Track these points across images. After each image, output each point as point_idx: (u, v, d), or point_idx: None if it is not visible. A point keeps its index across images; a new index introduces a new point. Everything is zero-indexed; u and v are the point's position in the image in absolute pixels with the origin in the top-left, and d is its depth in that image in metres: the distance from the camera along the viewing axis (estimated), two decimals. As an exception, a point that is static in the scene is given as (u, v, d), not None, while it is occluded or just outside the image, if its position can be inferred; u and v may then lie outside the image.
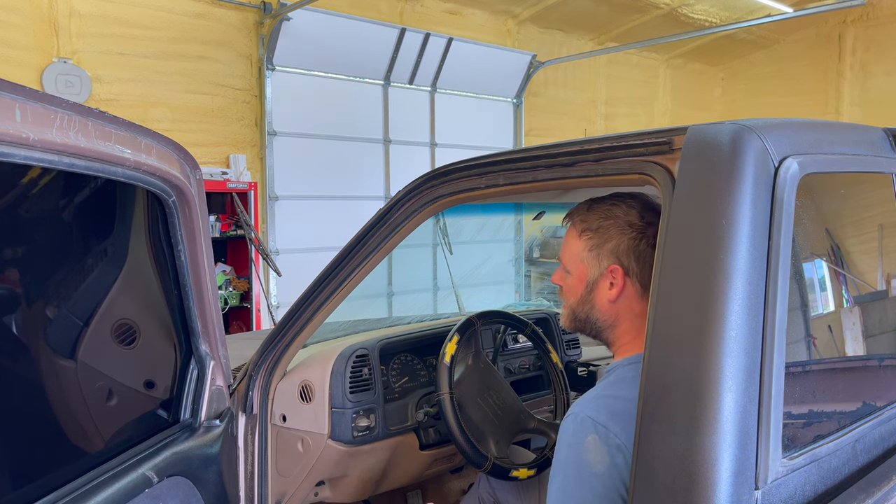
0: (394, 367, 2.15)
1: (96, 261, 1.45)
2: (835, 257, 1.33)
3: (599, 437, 1.21)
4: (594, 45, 8.81)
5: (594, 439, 1.21)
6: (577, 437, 1.23)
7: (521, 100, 8.04)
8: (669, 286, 1.03)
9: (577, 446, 1.23)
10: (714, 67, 10.53)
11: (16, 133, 0.99)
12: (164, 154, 1.39)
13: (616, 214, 1.40)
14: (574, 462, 1.23)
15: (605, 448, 1.20)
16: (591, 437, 1.22)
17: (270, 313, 4.42)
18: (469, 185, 1.48)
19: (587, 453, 1.21)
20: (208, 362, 1.71)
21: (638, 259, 1.36)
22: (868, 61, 9.08)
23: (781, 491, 1.01)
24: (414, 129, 7.14)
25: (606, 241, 1.39)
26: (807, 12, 6.99)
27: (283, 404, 1.98)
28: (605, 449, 1.20)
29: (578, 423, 1.24)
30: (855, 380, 1.33)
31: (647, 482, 1.00)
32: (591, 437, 1.22)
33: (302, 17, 5.88)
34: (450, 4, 7.36)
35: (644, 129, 1.22)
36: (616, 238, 1.38)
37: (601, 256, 1.40)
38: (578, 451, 1.23)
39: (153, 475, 1.45)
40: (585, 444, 1.22)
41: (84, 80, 5.12)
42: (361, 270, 1.73)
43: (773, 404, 0.97)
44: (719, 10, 8.21)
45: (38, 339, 1.34)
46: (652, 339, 1.03)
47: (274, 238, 6.15)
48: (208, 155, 5.80)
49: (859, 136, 1.30)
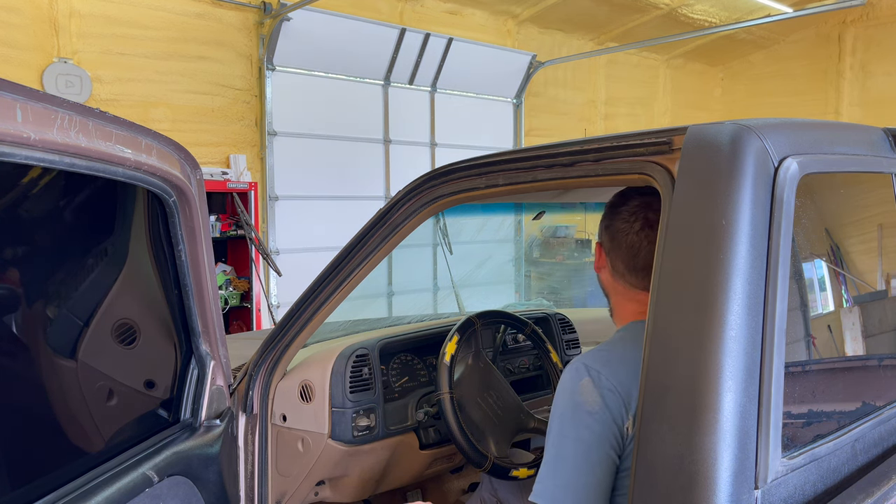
0: (394, 366, 2.15)
1: (96, 261, 1.45)
2: (834, 257, 1.33)
3: (592, 380, 1.31)
4: (594, 45, 8.81)
5: (588, 381, 1.31)
6: (573, 381, 1.34)
7: (521, 100, 8.04)
8: (669, 286, 1.03)
9: (573, 389, 1.33)
10: (714, 67, 10.53)
11: (16, 133, 0.99)
12: (164, 154, 1.39)
13: (620, 200, 1.51)
14: (570, 404, 1.32)
15: (597, 390, 1.30)
16: (585, 380, 1.32)
17: (270, 313, 4.42)
18: (469, 185, 1.48)
19: (581, 395, 1.31)
20: (208, 362, 1.72)
21: (612, 237, 1.48)
22: (868, 61, 9.08)
23: (781, 490, 1.01)
24: (414, 129, 7.14)
25: (604, 217, 1.53)
26: (807, 12, 6.99)
27: (283, 404, 1.98)
28: (597, 391, 1.29)
29: (574, 370, 1.35)
30: (854, 379, 1.33)
31: (647, 482, 1.00)
32: (585, 380, 1.32)
33: (302, 17, 5.88)
34: (450, 4, 7.36)
35: (644, 129, 1.22)
36: (607, 217, 1.51)
37: (600, 231, 1.54)
38: (574, 394, 1.32)
39: (153, 475, 1.45)
40: (580, 386, 1.32)
41: (84, 80, 5.12)
42: (361, 270, 1.73)
43: (772, 404, 0.97)
44: (719, 10, 8.22)
45: (39, 339, 1.34)
46: (652, 339, 1.04)
47: (274, 238, 6.15)
48: (208, 155, 5.80)
49: (859, 136, 1.30)
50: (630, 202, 1.47)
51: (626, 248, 1.46)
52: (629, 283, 1.48)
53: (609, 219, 1.50)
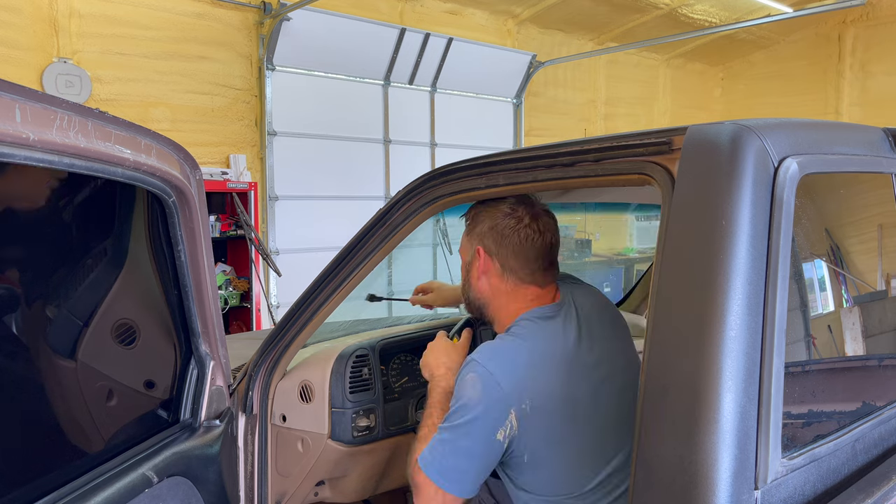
0: (393, 367, 2.15)
1: (96, 261, 1.45)
2: (834, 257, 1.33)
3: (477, 374, 1.43)
4: (594, 45, 8.81)
5: (474, 377, 1.44)
6: (462, 375, 1.48)
7: (521, 100, 8.04)
8: (669, 286, 1.03)
9: (461, 382, 1.47)
10: (714, 67, 10.53)
11: (16, 133, 0.98)
12: (164, 154, 1.39)
13: (489, 205, 1.59)
14: (456, 396, 1.46)
15: (481, 384, 1.42)
16: (470, 375, 1.45)
17: (270, 313, 4.42)
18: (469, 185, 1.48)
19: (466, 388, 1.44)
20: (208, 362, 1.71)
21: (498, 237, 1.56)
22: (868, 61, 9.08)
23: (781, 491, 1.01)
24: (414, 129, 7.14)
25: (475, 225, 1.60)
26: (807, 12, 6.99)
27: (283, 404, 1.98)
28: (481, 384, 1.42)
29: (465, 364, 1.49)
30: (854, 380, 1.33)
31: (647, 482, 1.00)
32: (470, 375, 1.45)
33: (302, 17, 5.88)
34: (450, 4, 7.36)
35: (644, 129, 1.22)
36: (482, 223, 1.59)
37: (472, 239, 1.61)
38: (461, 388, 1.46)
39: (153, 475, 1.45)
40: (466, 380, 1.45)
41: (84, 80, 5.12)
42: (361, 270, 1.73)
43: (772, 404, 0.97)
44: (719, 10, 8.21)
45: (38, 339, 1.34)
46: (652, 339, 1.03)
47: (274, 238, 6.15)
48: (208, 155, 5.80)
49: (859, 136, 1.30)
50: (500, 204, 1.57)
51: (518, 244, 1.55)
52: (519, 279, 1.58)
53: (484, 223, 1.58)
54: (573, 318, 1.57)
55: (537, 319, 1.54)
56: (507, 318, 1.59)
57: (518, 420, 1.43)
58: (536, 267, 1.58)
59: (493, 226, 1.57)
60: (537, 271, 1.58)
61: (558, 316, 1.56)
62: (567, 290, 1.65)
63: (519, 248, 1.56)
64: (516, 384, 1.43)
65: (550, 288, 1.62)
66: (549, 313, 1.56)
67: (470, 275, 1.64)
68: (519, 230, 1.55)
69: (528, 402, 1.43)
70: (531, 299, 1.58)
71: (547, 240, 1.59)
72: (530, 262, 1.57)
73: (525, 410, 1.43)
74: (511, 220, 1.56)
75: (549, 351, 1.50)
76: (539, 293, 1.60)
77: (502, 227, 1.56)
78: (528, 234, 1.56)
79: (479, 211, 1.61)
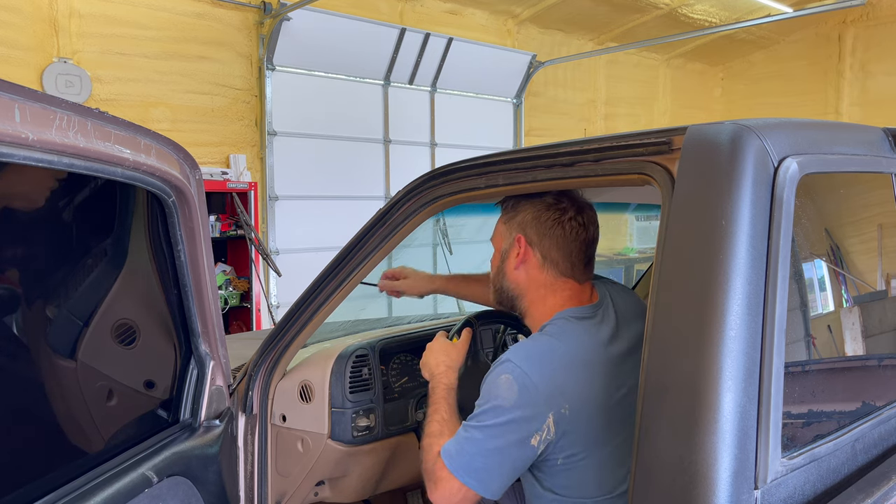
0: (393, 367, 2.15)
1: (96, 261, 1.45)
2: (834, 257, 1.33)
3: (513, 376, 1.39)
4: (594, 45, 8.81)
5: (508, 378, 1.40)
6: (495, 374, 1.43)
7: (521, 100, 8.04)
8: (669, 286, 1.03)
9: (494, 382, 1.42)
10: (714, 67, 10.53)
11: (15, 133, 0.98)
12: (163, 154, 1.39)
13: (532, 197, 1.55)
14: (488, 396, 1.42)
15: (517, 385, 1.38)
16: (505, 376, 1.41)
17: (270, 313, 4.42)
18: (469, 185, 1.48)
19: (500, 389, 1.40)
20: (208, 362, 1.71)
21: (540, 228, 1.53)
22: (868, 61, 9.07)
23: (781, 491, 1.01)
24: (414, 129, 7.14)
25: (516, 214, 1.56)
26: (807, 12, 6.99)
27: (282, 404, 1.98)
28: (517, 386, 1.38)
29: (499, 364, 1.44)
30: (854, 380, 1.33)
31: (647, 482, 1.00)
32: (505, 376, 1.41)
33: (302, 17, 5.88)
34: (450, 4, 7.36)
35: (644, 129, 1.22)
36: (524, 212, 1.55)
37: (511, 228, 1.57)
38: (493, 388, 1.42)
39: (153, 475, 1.45)
40: (500, 380, 1.41)
41: (84, 80, 5.12)
42: (361, 270, 1.73)
43: (772, 404, 0.97)
44: (719, 10, 8.21)
45: (38, 339, 1.34)
46: (652, 339, 1.04)
47: (274, 238, 6.14)
48: (208, 155, 5.80)
49: (859, 136, 1.30)
50: (543, 194, 1.53)
51: (562, 236, 1.52)
52: (559, 272, 1.54)
53: (527, 212, 1.55)
54: (611, 319, 1.52)
55: (573, 319, 1.49)
56: (542, 313, 1.54)
57: (556, 424, 1.38)
58: (577, 261, 1.54)
59: (537, 216, 1.53)
60: (577, 265, 1.55)
61: (595, 317, 1.52)
62: (605, 290, 1.60)
63: (563, 240, 1.52)
64: (554, 388, 1.38)
65: (587, 285, 1.58)
66: (587, 314, 1.51)
67: (506, 263, 1.59)
68: (563, 222, 1.52)
69: (566, 406, 1.38)
70: (568, 295, 1.54)
71: (590, 234, 1.56)
72: (572, 255, 1.53)
73: (564, 415, 1.38)
74: (555, 211, 1.52)
75: (584, 352, 1.45)
76: (576, 289, 1.56)
77: (546, 218, 1.52)
78: (572, 227, 1.52)
79: (521, 199, 1.56)
